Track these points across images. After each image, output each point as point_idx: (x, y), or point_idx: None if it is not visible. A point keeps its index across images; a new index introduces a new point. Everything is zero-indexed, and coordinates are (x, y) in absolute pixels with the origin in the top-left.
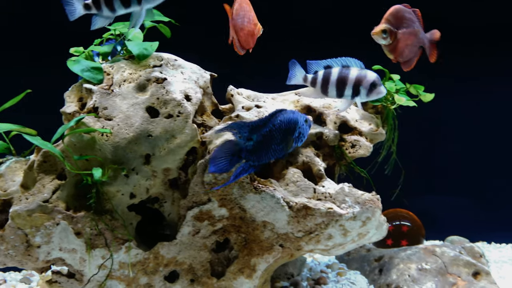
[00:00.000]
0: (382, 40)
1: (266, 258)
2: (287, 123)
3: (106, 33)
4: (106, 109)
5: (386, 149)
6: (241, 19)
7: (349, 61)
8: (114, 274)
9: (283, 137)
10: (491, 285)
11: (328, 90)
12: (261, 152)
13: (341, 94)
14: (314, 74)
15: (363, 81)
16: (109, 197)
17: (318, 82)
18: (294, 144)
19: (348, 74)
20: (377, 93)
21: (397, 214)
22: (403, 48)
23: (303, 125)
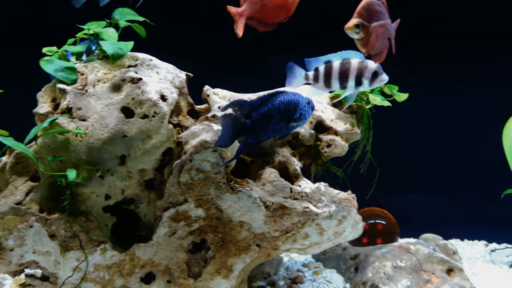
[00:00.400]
0: (355, 34)
1: (243, 258)
2: (287, 104)
3: (79, 32)
4: (80, 109)
5: (361, 148)
6: None
7: (349, 53)
8: (89, 276)
9: (282, 117)
10: (464, 281)
11: (331, 83)
12: (259, 130)
13: (345, 86)
14: (315, 71)
15: (364, 71)
16: (84, 199)
17: (321, 78)
18: (295, 124)
19: (349, 66)
20: (379, 81)
21: (372, 213)
22: (375, 41)
23: (305, 106)
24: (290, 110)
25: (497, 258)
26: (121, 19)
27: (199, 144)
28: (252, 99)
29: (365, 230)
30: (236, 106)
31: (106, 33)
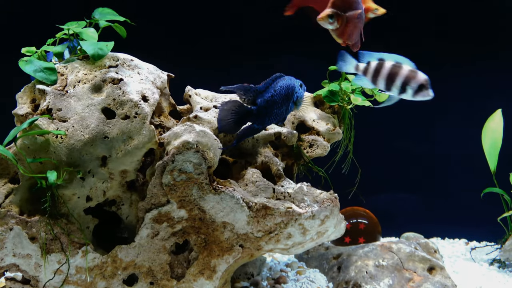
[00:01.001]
0: (329, 25)
1: (226, 258)
2: (287, 88)
3: (59, 32)
4: (60, 110)
5: (343, 148)
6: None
7: (403, 59)
8: (71, 279)
9: (283, 101)
10: (445, 279)
11: (378, 81)
12: (264, 116)
13: (389, 88)
14: (366, 64)
15: (412, 80)
16: (65, 201)
17: (370, 72)
18: (292, 106)
19: (399, 70)
20: (423, 95)
21: (354, 212)
22: (352, 30)
23: (299, 89)
24: (289, 94)
25: (477, 256)
26: (101, 19)
27: (181, 145)
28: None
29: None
30: (241, 91)
31: (86, 33)
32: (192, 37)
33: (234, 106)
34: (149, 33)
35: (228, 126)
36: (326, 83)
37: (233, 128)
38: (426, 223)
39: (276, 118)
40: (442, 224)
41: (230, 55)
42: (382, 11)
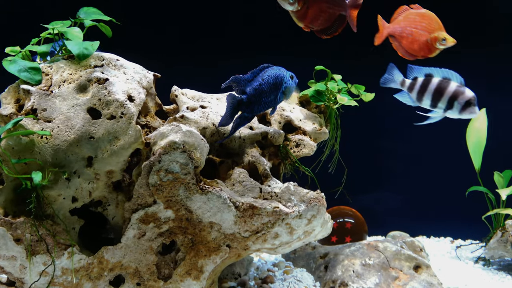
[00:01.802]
0: (289, 6)
1: (213, 259)
2: (275, 77)
3: (44, 32)
4: (45, 110)
5: (330, 148)
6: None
7: (451, 74)
8: (56, 280)
9: (271, 90)
10: (431, 277)
11: (423, 98)
12: (254, 104)
13: (435, 105)
14: (412, 80)
15: (459, 97)
16: (50, 202)
17: (416, 89)
18: (282, 97)
19: (447, 87)
20: (469, 112)
21: (341, 212)
22: (317, 14)
23: (289, 80)
24: (277, 84)
25: (462, 254)
26: (86, 19)
27: (168, 145)
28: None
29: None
30: (234, 83)
31: (71, 33)
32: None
33: (230, 98)
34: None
35: (225, 119)
36: (313, 83)
37: (230, 120)
38: (412, 221)
39: (265, 106)
40: (427, 222)
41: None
42: (451, 42)
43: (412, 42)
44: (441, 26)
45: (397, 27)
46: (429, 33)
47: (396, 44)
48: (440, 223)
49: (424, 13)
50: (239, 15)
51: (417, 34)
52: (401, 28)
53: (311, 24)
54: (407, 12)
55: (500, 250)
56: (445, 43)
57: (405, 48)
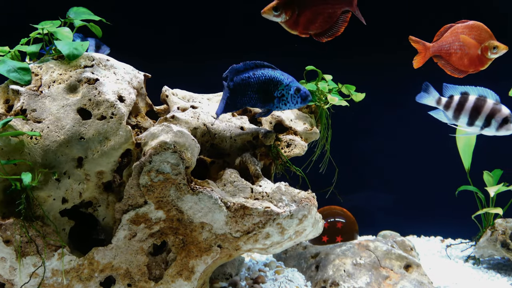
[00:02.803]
0: (276, 18)
1: (205, 259)
2: (269, 78)
3: (33, 32)
4: (34, 111)
5: (320, 148)
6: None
7: (486, 91)
8: (46, 282)
9: (260, 87)
10: (421, 276)
11: (460, 116)
12: (237, 94)
13: (472, 123)
14: (449, 98)
15: (496, 114)
16: (40, 203)
17: (453, 107)
18: (276, 102)
19: (484, 104)
20: (506, 129)
21: (331, 211)
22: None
23: (289, 90)
24: (269, 85)
25: (452, 253)
26: (76, 19)
27: (159, 145)
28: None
29: (325, 228)
30: (230, 72)
31: (61, 33)
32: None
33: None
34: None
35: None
36: (304, 83)
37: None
38: (402, 221)
39: (249, 101)
40: (418, 222)
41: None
42: (503, 49)
43: (462, 57)
44: (491, 35)
45: (444, 45)
46: (479, 44)
47: (442, 62)
48: (430, 223)
49: (472, 24)
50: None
51: (467, 47)
52: (448, 45)
53: (306, 30)
54: (453, 27)
55: (489, 249)
56: (497, 51)
57: (454, 65)
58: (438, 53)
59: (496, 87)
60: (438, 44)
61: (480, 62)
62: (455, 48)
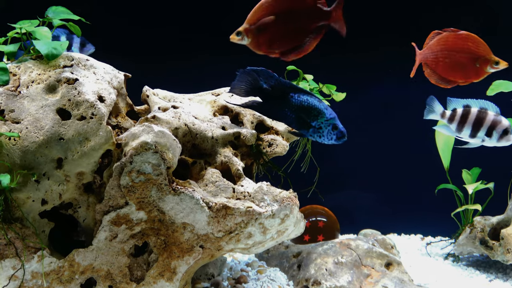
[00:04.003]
0: (240, 41)
1: (187, 260)
2: (311, 106)
3: (11, 31)
4: (13, 111)
5: (302, 147)
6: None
7: (487, 104)
8: (26, 284)
9: (299, 110)
10: (402, 274)
11: (463, 129)
12: (273, 103)
13: (474, 135)
14: (452, 111)
15: (497, 126)
16: (19, 204)
17: (456, 120)
18: (311, 131)
19: (486, 116)
20: (506, 140)
21: (313, 211)
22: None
23: (328, 125)
24: (309, 112)
25: (432, 251)
26: (55, 18)
27: (139, 145)
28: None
29: (307, 227)
30: (264, 73)
31: (39, 32)
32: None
33: (252, 77)
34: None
35: (238, 88)
36: None
37: (240, 92)
38: (383, 219)
39: (282, 115)
40: (398, 220)
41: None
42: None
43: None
44: (489, 49)
45: (430, 52)
46: (475, 56)
47: (428, 71)
48: (411, 221)
49: (466, 35)
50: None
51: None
52: (435, 53)
53: (270, 49)
54: (441, 35)
55: (468, 247)
56: (498, 66)
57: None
58: (425, 61)
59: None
60: (425, 52)
61: (475, 74)
62: (444, 56)
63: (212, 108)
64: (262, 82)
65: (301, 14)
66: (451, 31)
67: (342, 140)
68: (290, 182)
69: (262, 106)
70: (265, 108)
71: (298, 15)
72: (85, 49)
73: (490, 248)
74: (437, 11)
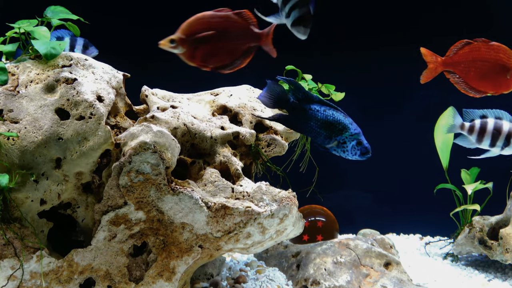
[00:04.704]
0: (173, 49)
1: (186, 259)
2: (336, 120)
3: (9, 31)
4: (11, 111)
5: (301, 147)
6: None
7: (501, 113)
8: (25, 284)
9: (324, 125)
10: (401, 274)
11: (483, 139)
12: (299, 117)
13: (494, 144)
14: (470, 122)
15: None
16: (18, 204)
17: (476, 131)
18: (335, 146)
19: (502, 126)
20: None
21: (312, 210)
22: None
23: (352, 140)
24: (334, 127)
25: (431, 251)
26: (54, 18)
27: (138, 145)
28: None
29: (306, 227)
30: (292, 85)
31: (38, 32)
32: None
33: (280, 89)
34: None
35: (267, 99)
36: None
37: (269, 103)
38: (382, 219)
39: (308, 130)
40: (397, 220)
41: None
42: None
43: (484, 77)
44: None
45: (462, 61)
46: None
47: (456, 79)
48: (410, 221)
49: (498, 46)
50: None
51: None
52: (468, 62)
53: (205, 63)
54: (473, 45)
55: (467, 246)
56: None
57: (471, 84)
58: (452, 69)
59: None
60: (454, 60)
61: (506, 85)
62: (477, 66)
63: (211, 108)
64: (290, 95)
65: (235, 33)
66: (482, 41)
67: (366, 156)
68: (289, 182)
69: (288, 119)
70: (291, 121)
71: (233, 34)
72: (87, 52)
73: (489, 248)
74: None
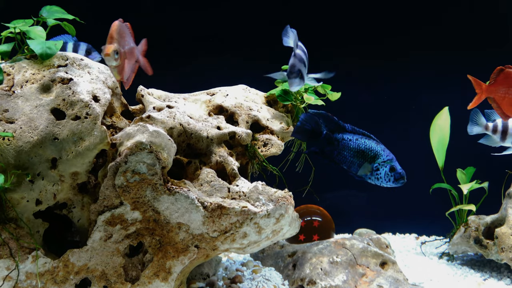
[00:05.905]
0: (114, 61)
1: (182, 260)
2: (368, 148)
3: (4, 31)
4: (7, 111)
5: (297, 147)
6: None
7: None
8: (20, 285)
9: (357, 154)
10: (397, 273)
11: (507, 137)
12: (333, 149)
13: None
14: (493, 122)
15: None
16: (13, 205)
17: (499, 131)
18: (369, 174)
19: None
20: None
21: (308, 210)
22: (127, 67)
23: (385, 166)
24: (367, 155)
25: (427, 250)
26: (49, 17)
27: (134, 145)
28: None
29: (302, 227)
30: (324, 118)
31: (33, 32)
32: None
33: (314, 122)
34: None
35: (301, 133)
36: (280, 82)
37: (303, 138)
38: (378, 219)
39: (343, 160)
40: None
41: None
42: None
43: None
44: None
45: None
46: None
47: (494, 105)
48: (405, 220)
49: None
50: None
51: None
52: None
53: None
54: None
55: (463, 246)
56: None
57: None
58: (492, 96)
59: None
60: (494, 87)
61: None
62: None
63: (207, 107)
64: (323, 127)
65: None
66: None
67: (400, 182)
68: (285, 181)
69: (323, 151)
70: (325, 153)
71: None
72: (90, 57)
73: (485, 247)
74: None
